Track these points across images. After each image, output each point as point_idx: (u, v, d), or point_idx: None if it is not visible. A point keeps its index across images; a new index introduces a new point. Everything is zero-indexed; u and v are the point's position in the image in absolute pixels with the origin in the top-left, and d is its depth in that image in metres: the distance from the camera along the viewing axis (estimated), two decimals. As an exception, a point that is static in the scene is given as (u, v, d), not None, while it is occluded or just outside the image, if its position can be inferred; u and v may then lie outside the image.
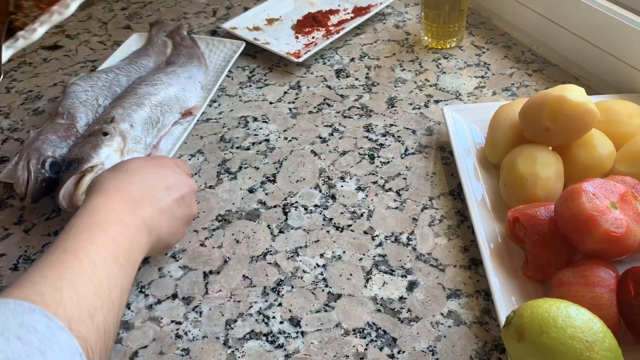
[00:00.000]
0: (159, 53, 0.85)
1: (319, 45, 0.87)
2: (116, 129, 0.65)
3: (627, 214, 0.49)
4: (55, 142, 0.64)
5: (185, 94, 0.75)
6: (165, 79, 0.75)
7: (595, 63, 0.78)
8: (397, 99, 0.80)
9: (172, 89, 0.74)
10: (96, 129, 0.65)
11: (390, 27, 0.96)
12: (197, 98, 0.77)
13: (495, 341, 0.51)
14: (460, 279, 0.56)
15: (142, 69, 0.80)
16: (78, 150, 0.62)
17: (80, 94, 0.72)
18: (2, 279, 0.59)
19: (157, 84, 0.74)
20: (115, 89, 0.75)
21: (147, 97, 0.71)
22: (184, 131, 0.73)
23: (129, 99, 0.71)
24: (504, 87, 0.80)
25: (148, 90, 0.72)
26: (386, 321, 0.53)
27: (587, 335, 0.40)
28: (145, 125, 0.69)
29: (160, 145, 0.71)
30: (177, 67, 0.79)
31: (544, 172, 0.57)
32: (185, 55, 0.83)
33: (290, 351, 0.51)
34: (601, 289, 0.46)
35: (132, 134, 0.67)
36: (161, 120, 0.71)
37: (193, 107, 0.76)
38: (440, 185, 0.66)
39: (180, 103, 0.74)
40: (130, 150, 0.65)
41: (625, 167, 0.58)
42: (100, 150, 0.62)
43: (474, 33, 0.92)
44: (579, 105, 0.56)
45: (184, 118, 0.75)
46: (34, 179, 0.61)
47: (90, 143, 0.63)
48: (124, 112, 0.68)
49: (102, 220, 0.46)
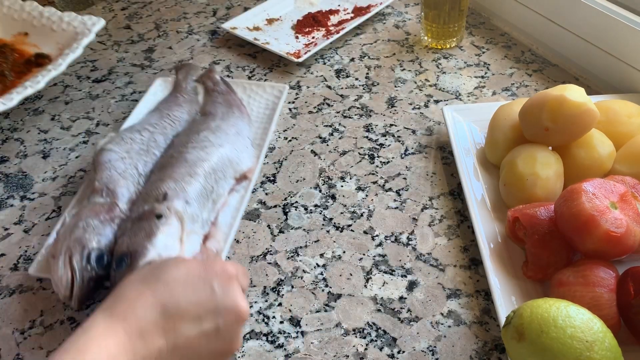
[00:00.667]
0: (190, 101, 0.74)
1: (319, 45, 0.87)
2: (171, 208, 0.54)
3: (627, 214, 0.49)
4: (98, 228, 0.54)
5: (237, 155, 0.64)
6: (213, 139, 0.64)
7: (595, 63, 0.78)
8: (397, 99, 0.80)
9: (223, 150, 0.63)
10: (146, 210, 0.54)
11: (390, 27, 0.96)
12: (250, 158, 0.66)
13: (495, 341, 0.51)
14: (460, 279, 0.56)
15: (177, 123, 0.70)
16: (129, 240, 0.51)
17: (117, 163, 0.60)
18: (2, 278, 0.59)
19: (207, 146, 0.62)
20: (153, 151, 0.64)
21: (199, 163, 0.60)
22: (241, 200, 0.63)
23: (178, 167, 0.59)
24: (504, 87, 0.80)
25: (198, 155, 0.61)
26: (386, 321, 0.53)
27: (587, 335, 0.40)
28: (201, 198, 0.58)
29: (219, 221, 0.60)
30: (221, 121, 0.68)
31: (544, 172, 0.57)
32: (222, 103, 0.72)
33: (290, 351, 0.51)
34: (601, 289, 0.46)
35: (188, 212, 0.55)
36: (215, 189, 0.60)
37: (248, 170, 0.65)
38: (440, 185, 0.66)
39: (233, 166, 0.63)
40: (189, 233, 0.54)
41: (625, 167, 0.58)
42: (155, 240, 0.51)
43: (474, 33, 0.92)
44: (579, 105, 0.56)
45: (239, 183, 0.64)
46: (79, 278, 0.50)
47: (143, 230, 0.52)
48: (176, 186, 0.57)
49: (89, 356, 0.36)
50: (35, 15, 0.85)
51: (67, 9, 1.07)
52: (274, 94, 0.77)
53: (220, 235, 0.58)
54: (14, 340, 0.53)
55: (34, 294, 0.57)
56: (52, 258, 0.52)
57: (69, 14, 0.83)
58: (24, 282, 0.59)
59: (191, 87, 0.76)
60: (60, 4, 1.07)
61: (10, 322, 0.55)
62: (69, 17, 0.83)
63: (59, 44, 0.81)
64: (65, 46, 0.80)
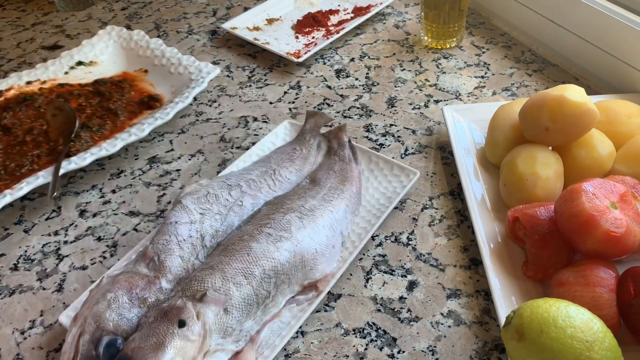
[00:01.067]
0: (306, 159, 0.64)
1: (319, 45, 0.87)
2: (200, 315, 0.45)
3: (627, 214, 0.49)
4: (125, 307, 0.47)
5: (316, 257, 0.52)
6: (295, 229, 0.52)
7: (595, 63, 0.78)
8: (397, 99, 0.80)
9: (300, 247, 0.51)
10: (176, 305, 0.45)
11: (390, 27, 0.96)
12: (331, 262, 0.54)
13: (495, 341, 0.51)
14: (460, 278, 0.56)
15: (278, 185, 0.60)
16: (137, 344, 0.44)
17: (183, 228, 0.52)
18: (2, 278, 0.59)
19: (283, 238, 0.51)
20: (232, 219, 0.55)
21: (261, 260, 0.49)
22: (301, 314, 0.51)
23: (236, 260, 0.49)
24: (504, 87, 0.80)
25: (266, 249, 0.50)
26: (386, 321, 0.53)
27: (587, 335, 0.40)
28: (247, 307, 0.48)
29: (260, 337, 0.49)
30: (320, 201, 0.57)
31: (544, 172, 0.57)
32: (337, 174, 0.61)
33: (290, 351, 0.51)
34: (601, 289, 0.46)
35: (222, 324, 0.46)
36: (272, 295, 0.49)
37: (322, 279, 0.53)
38: (440, 185, 0.66)
39: (305, 271, 0.52)
40: (213, 351, 0.45)
41: (625, 167, 0.58)
42: (162, 356, 0.43)
43: (474, 33, 0.92)
44: (579, 105, 0.56)
45: (304, 294, 0.52)
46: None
47: (156, 337, 0.44)
48: (222, 286, 0.47)
49: None
50: (158, 54, 0.85)
51: (67, 8, 1.07)
52: (400, 179, 0.64)
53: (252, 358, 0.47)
54: (14, 340, 0.53)
55: (34, 294, 0.57)
56: (73, 320, 0.47)
57: (187, 57, 0.83)
58: (24, 282, 0.59)
59: (315, 142, 0.67)
60: (60, 4, 1.07)
61: (10, 322, 0.55)
62: (187, 61, 0.82)
63: (172, 87, 0.81)
64: (177, 90, 0.80)
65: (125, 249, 0.61)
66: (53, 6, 1.09)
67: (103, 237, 0.63)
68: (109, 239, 0.63)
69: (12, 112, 0.75)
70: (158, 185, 0.69)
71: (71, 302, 0.56)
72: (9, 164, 0.68)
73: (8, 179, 0.67)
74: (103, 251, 0.61)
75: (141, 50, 0.87)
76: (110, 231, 0.64)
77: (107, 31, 0.89)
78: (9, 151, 0.70)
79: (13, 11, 1.09)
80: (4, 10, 1.09)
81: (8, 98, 0.78)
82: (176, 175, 0.70)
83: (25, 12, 1.08)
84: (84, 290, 0.57)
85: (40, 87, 0.80)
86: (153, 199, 0.67)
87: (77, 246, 0.62)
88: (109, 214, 0.66)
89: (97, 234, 0.63)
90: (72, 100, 0.78)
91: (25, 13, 1.08)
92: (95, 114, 0.76)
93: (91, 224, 0.65)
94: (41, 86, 0.81)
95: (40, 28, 1.02)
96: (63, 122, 0.73)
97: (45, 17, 1.06)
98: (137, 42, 0.87)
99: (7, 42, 0.99)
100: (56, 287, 0.58)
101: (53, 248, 0.62)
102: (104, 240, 0.63)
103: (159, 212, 0.66)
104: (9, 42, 0.99)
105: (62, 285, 0.58)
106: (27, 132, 0.72)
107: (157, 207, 0.66)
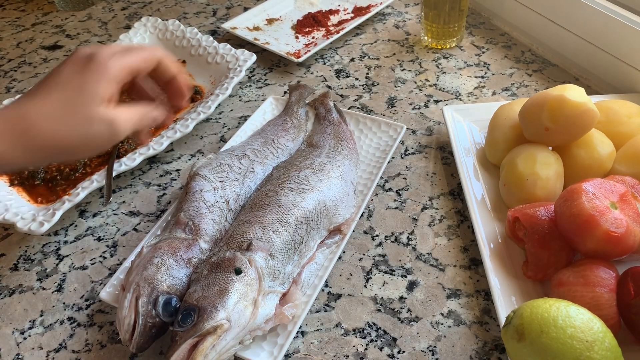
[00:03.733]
0: (299, 127, 0.70)
1: (319, 45, 0.87)
2: (252, 262, 0.49)
3: (627, 214, 0.49)
4: (173, 268, 0.50)
5: (336, 204, 0.58)
6: (314, 181, 0.58)
7: (595, 63, 0.78)
8: (397, 99, 0.80)
9: (322, 196, 0.57)
10: (227, 258, 0.49)
11: (390, 27, 0.96)
12: (349, 208, 0.60)
13: (495, 341, 0.51)
14: (460, 278, 0.56)
15: (280, 151, 0.66)
16: (201, 294, 0.47)
17: (208, 194, 0.57)
18: (2, 278, 0.59)
19: (305, 189, 0.56)
20: (249, 183, 0.61)
21: (292, 210, 0.54)
22: (331, 256, 0.56)
23: (270, 212, 0.54)
24: (504, 87, 0.80)
25: (294, 200, 0.55)
26: (386, 321, 0.53)
27: (587, 335, 0.40)
28: (287, 251, 0.52)
29: (302, 277, 0.53)
30: (326, 158, 0.62)
31: (544, 172, 0.57)
32: (332, 136, 0.67)
33: (291, 351, 0.51)
34: (601, 289, 0.46)
35: (271, 267, 0.50)
36: (305, 241, 0.54)
37: (344, 223, 0.58)
38: (440, 185, 0.66)
39: (329, 217, 0.57)
40: (267, 292, 0.49)
41: (625, 167, 0.58)
42: (228, 300, 0.46)
43: (474, 33, 0.92)
44: (579, 105, 0.56)
45: (331, 238, 0.57)
46: (141, 324, 0.47)
47: (217, 285, 0.47)
48: (263, 235, 0.52)
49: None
50: (194, 44, 0.85)
51: (67, 8, 1.07)
52: (389, 134, 0.69)
53: (299, 298, 0.51)
54: (14, 340, 0.53)
55: (34, 294, 0.57)
56: (122, 291, 0.50)
57: (224, 45, 0.83)
58: (24, 282, 0.59)
59: (303, 111, 0.73)
60: (60, 4, 1.07)
61: (10, 322, 0.55)
62: (223, 49, 0.83)
63: (211, 77, 0.82)
64: (216, 80, 0.80)
65: (125, 249, 0.61)
66: (53, 6, 1.09)
67: (103, 237, 0.63)
68: (109, 239, 0.63)
69: None
70: (158, 185, 0.69)
71: (71, 302, 0.56)
72: (63, 169, 0.69)
73: (64, 184, 0.68)
74: (103, 251, 0.61)
75: (177, 41, 0.87)
76: (110, 231, 0.64)
77: (142, 23, 0.89)
78: None
79: (13, 11, 1.09)
80: (4, 10, 1.09)
81: None
82: (176, 175, 0.70)
83: (25, 12, 1.08)
84: (84, 290, 0.57)
85: None
86: (153, 199, 0.67)
87: (77, 246, 0.62)
88: (109, 214, 0.66)
89: (97, 234, 0.63)
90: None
91: (25, 13, 1.08)
92: None
93: (91, 224, 0.65)
94: None
95: (40, 28, 1.03)
96: None
97: (45, 17, 1.06)
98: (173, 32, 0.87)
99: (7, 42, 0.99)
100: (56, 287, 0.58)
101: (53, 248, 0.62)
102: (104, 240, 0.63)
103: (159, 212, 0.66)
104: (9, 42, 0.99)
105: (62, 285, 0.58)
106: None
107: (157, 207, 0.66)
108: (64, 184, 0.67)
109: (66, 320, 0.55)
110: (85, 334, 0.54)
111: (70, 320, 0.55)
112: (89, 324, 0.54)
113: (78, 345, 0.53)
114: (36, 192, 0.67)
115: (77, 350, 0.52)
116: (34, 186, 0.67)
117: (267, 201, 0.55)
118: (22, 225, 0.59)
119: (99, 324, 0.54)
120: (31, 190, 0.67)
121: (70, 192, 0.65)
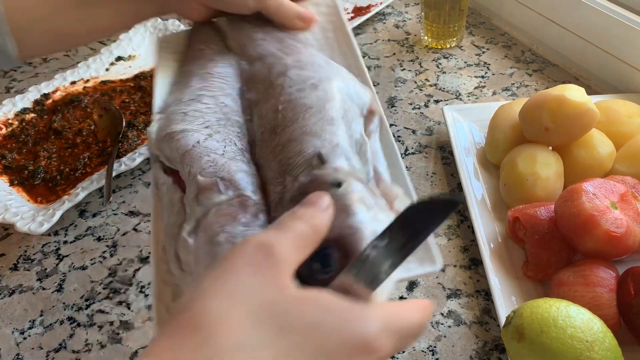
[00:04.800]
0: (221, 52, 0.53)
1: (319, 45, 0.87)
2: (339, 171, 0.37)
3: (627, 214, 0.49)
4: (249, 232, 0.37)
5: (349, 85, 0.47)
6: (313, 73, 0.46)
7: (595, 63, 0.78)
8: (397, 99, 0.80)
9: (335, 83, 0.45)
10: (307, 183, 0.37)
11: (390, 27, 0.96)
12: (363, 87, 0.48)
13: (495, 341, 0.51)
14: (460, 278, 0.56)
15: (229, 79, 0.49)
16: None
17: (209, 142, 0.42)
18: (2, 278, 0.59)
19: (316, 83, 0.44)
20: (235, 118, 0.45)
21: (328, 105, 0.42)
22: (386, 141, 0.47)
23: (305, 120, 0.41)
24: (504, 87, 0.80)
25: (317, 95, 0.43)
26: (386, 321, 0.53)
27: (587, 335, 0.40)
28: (351, 147, 0.41)
29: (383, 175, 0.42)
30: (290, 58, 0.48)
31: (544, 172, 0.57)
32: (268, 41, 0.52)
33: (290, 351, 0.51)
34: (601, 289, 0.46)
35: (352, 167, 0.39)
36: (353, 135, 0.43)
37: (372, 103, 0.48)
38: (440, 185, 0.66)
39: (356, 101, 0.46)
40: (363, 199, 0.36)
41: (625, 167, 0.58)
42: (355, 213, 0.34)
43: (474, 33, 0.92)
44: (579, 105, 0.56)
45: (369, 123, 0.47)
46: None
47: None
48: (321, 143, 0.39)
49: None
50: None
51: (67, 8, 1.07)
52: (321, 11, 0.55)
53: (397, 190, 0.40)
54: (14, 340, 0.53)
55: (34, 294, 0.57)
56: None
57: None
58: (24, 282, 0.59)
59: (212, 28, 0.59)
60: (60, 3, 1.07)
61: (10, 322, 0.55)
62: None
63: None
64: None
65: (125, 249, 0.61)
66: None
67: (103, 237, 0.63)
68: (108, 239, 0.63)
69: (60, 114, 0.76)
70: (158, 185, 0.69)
71: (71, 302, 0.56)
72: (63, 169, 0.68)
73: (64, 184, 0.67)
74: (103, 251, 0.61)
75: None
76: (110, 231, 0.64)
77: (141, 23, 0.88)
78: (62, 155, 0.71)
79: (13, 11, 1.09)
80: (4, 10, 1.09)
81: (56, 100, 0.79)
82: (176, 175, 0.70)
83: (25, 12, 1.08)
84: (84, 290, 0.57)
85: (84, 86, 0.81)
86: (153, 199, 0.67)
87: (77, 246, 0.62)
88: (109, 214, 0.66)
89: (97, 234, 0.63)
90: (115, 97, 0.79)
91: (25, 13, 1.08)
92: (139, 111, 0.76)
93: (91, 224, 0.65)
94: (85, 85, 0.82)
95: (40, 28, 1.02)
96: (110, 122, 0.74)
97: (45, 17, 1.06)
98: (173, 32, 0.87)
99: (7, 42, 0.99)
100: (56, 287, 0.58)
101: (53, 248, 0.62)
102: (104, 240, 0.63)
103: (159, 212, 0.65)
104: (8, 42, 0.99)
105: (62, 285, 0.58)
106: (76, 134, 0.73)
107: (157, 207, 0.66)
108: (64, 184, 0.67)
109: (66, 320, 0.55)
110: (85, 334, 0.54)
111: (70, 320, 0.55)
112: (89, 324, 0.54)
113: (78, 345, 0.53)
114: (36, 192, 0.66)
115: (77, 350, 0.52)
116: (34, 186, 0.67)
117: (288, 112, 0.42)
118: (21, 225, 0.59)
119: (99, 324, 0.54)
120: (31, 190, 0.67)
121: (70, 192, 0.65)
